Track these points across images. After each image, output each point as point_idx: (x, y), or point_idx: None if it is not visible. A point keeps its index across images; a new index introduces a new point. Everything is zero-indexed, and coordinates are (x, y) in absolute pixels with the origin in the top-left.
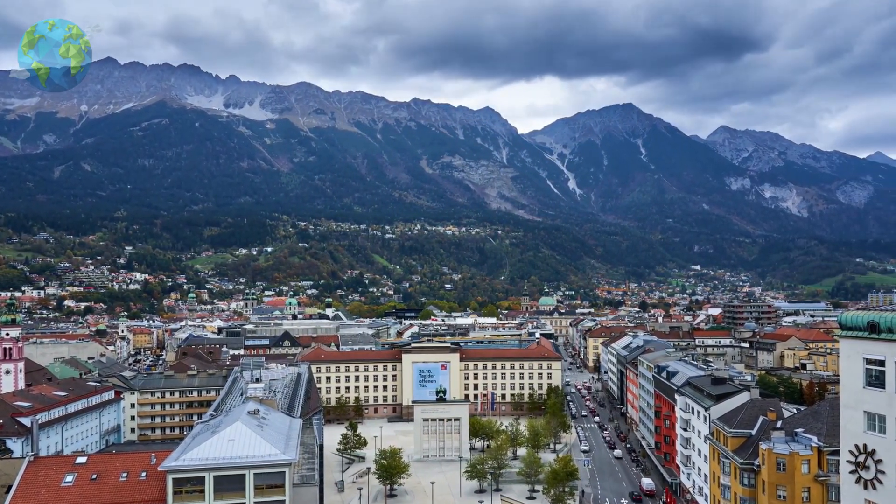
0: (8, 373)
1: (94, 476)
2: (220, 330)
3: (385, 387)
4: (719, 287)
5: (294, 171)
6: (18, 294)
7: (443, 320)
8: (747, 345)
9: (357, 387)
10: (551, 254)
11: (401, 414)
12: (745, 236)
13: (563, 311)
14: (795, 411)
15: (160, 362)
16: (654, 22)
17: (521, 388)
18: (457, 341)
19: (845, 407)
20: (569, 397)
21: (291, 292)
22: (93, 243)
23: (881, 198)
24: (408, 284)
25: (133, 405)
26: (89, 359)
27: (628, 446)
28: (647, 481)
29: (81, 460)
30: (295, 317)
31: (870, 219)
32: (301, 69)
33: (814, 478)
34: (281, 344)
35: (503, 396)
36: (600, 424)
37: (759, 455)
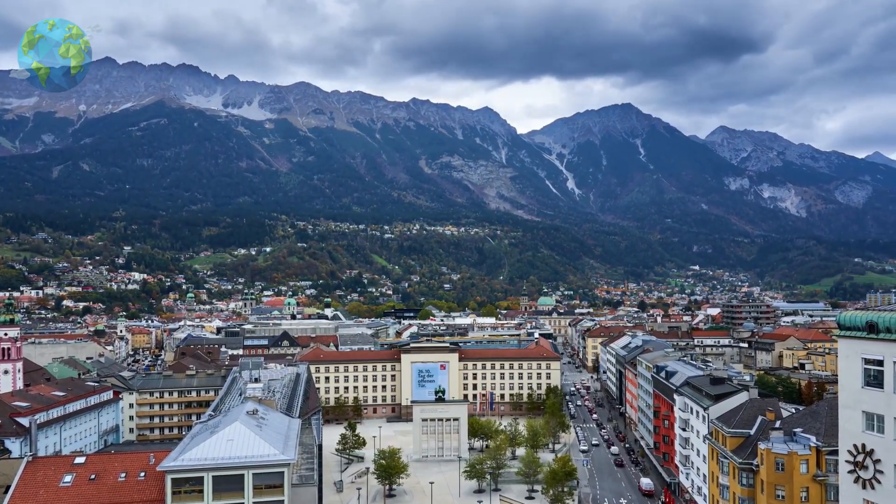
0: (6, 373)
1: (92, 476)
2: (218, 330)
3: (384, 387)
4: (718, 287)
5: (293, 171)
6: (17, 294)
7: (442, 320)
8: (746, 345)
9: (356, 387)
10: (550, 254)
11: (400, 414)
12: (743, 236)
13: (561, 311)
14: (794, 411)
15: (159, 362)
16: (652, 23)
17: (520, 388)
18: (456, 341)
19: (844, 407)
20: (568, 397)
21: (290, 292)
22: (91, 243)
23: (880, 198)
24: (407, 284)
25: (132, 405)
26: (88, 359)
27: (627, 446)
28: (645, 481)
29: (80, 460)
30: (294, 317)
31: (868, 219)
32: (299, 70)
33: (812, 477)
34: (280, 344)
35: (502, 396)
36: (599, 423)
37: (758, 455)
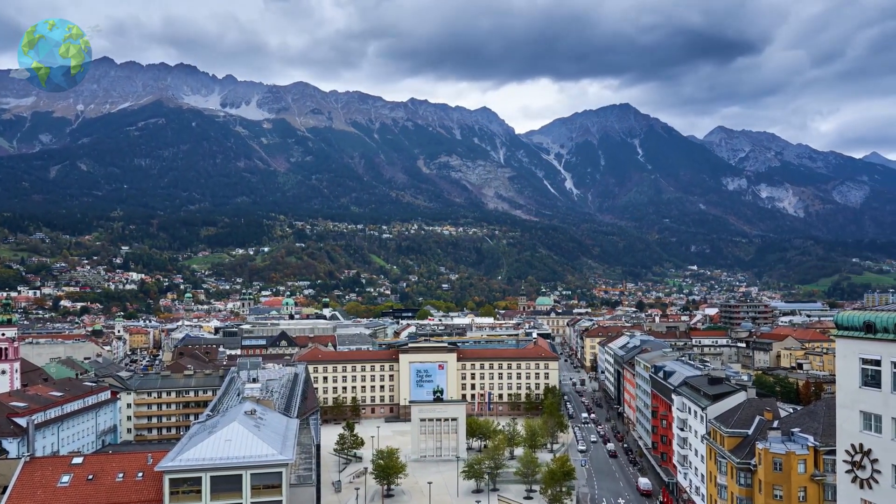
0: (4, 373)
1: (90, 476)
2: (216, 330)
3: (382, 387)
4: (716, 287)
5: (291, 171)
6: (14, 294)
7: (440, 320)
8: (744, 345)
9: (354, 387)
10: (548, 254)
11: (398, 414)
12: (741, 236)
13: (560, 310)
14: (792, 411)
15: (157, 362)
16: (647, 25)
17: (519, 388)
18: (454, 341)
19: (841, 406)
20: (566, 397)
21: (288, 292)
22: (89, 243)
23: (877, 198)
24: (405, 284)
25: (129, 405)
26: (85, 359)
27: (625, 446)
28: (643, 481)
29: (78, 461)
30: (292, 317)
31: (866, 219)
32: (297, 72)
33: (810, 477)
34: (278, 344)
35: (500, 396)
36: (597, 422)
37: (756, 455)
